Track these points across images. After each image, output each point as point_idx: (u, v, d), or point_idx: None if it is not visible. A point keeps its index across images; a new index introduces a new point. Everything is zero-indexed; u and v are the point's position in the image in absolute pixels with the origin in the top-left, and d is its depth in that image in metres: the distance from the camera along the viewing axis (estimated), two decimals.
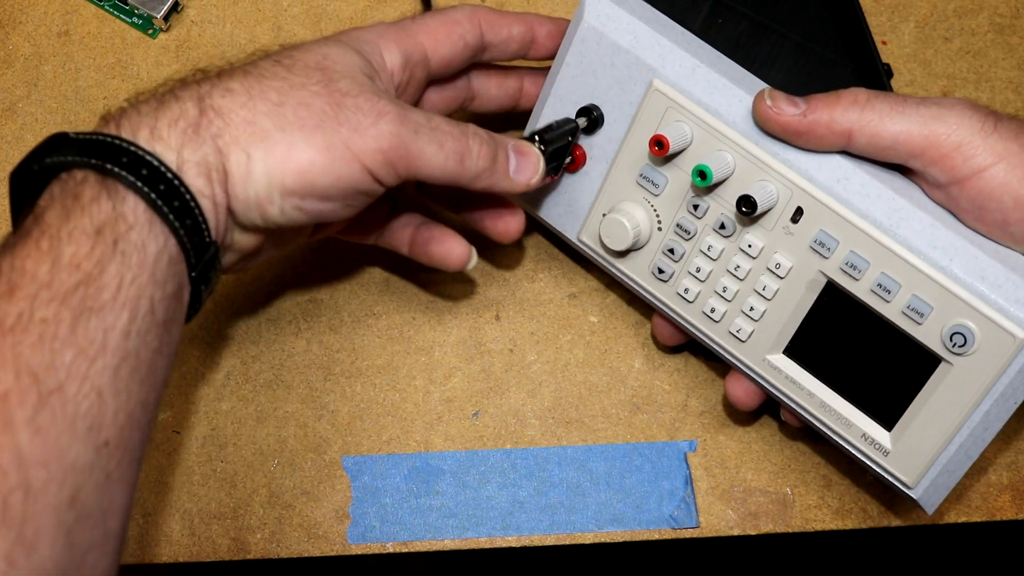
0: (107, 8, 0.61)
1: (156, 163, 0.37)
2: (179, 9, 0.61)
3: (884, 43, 0.61)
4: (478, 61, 0.50)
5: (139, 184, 0.37)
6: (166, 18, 0.60)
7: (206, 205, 0.39)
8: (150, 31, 0.61)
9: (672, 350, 0.56)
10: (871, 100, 0.43)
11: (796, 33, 0.57)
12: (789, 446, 0.54)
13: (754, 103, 0.44)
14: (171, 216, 0.37)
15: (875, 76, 0.55)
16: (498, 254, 0.57)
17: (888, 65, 0.58)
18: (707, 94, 0.46)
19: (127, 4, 0.61)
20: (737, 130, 0.45)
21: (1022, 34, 0.61)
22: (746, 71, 0.47)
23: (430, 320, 0.56)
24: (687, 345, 0.55)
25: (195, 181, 0.39)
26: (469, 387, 0.55)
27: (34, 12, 0.61)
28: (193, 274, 0.39)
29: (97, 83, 0.60)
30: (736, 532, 0.53)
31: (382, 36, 0.46)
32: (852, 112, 0.43)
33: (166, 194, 0.37)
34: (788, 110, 0.43)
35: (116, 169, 0.37)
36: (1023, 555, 1.05)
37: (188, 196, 0.38)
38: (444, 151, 0.43)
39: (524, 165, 0.47)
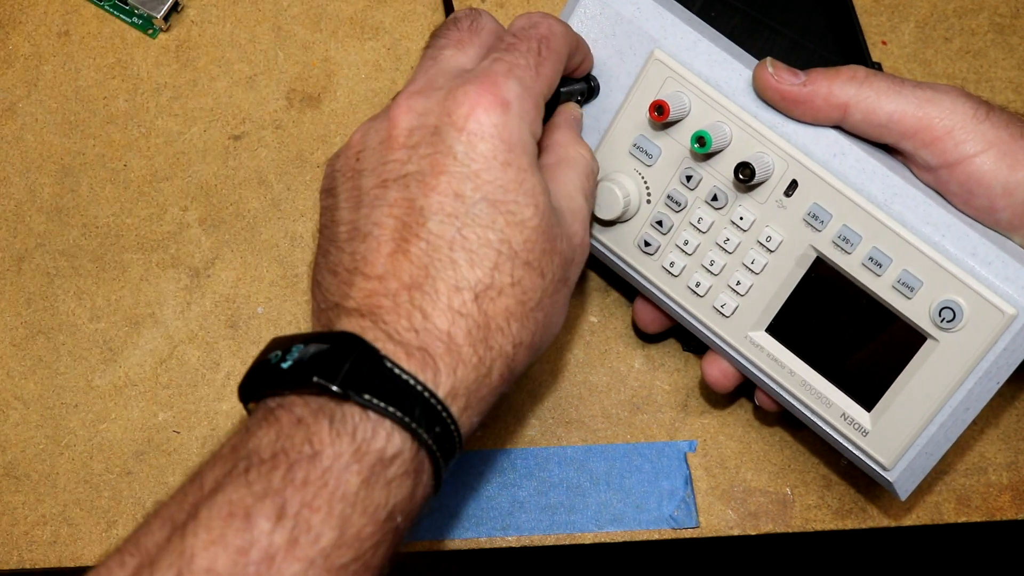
0: (107, 8, 0.61)
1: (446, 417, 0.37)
2: (179, 9, 0.61)
3: (884, 43, 0.61)
4: None
5: (428, 441, 0.36)
6: (166, 18, 0.60)
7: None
8: (150, 31, 0.61)
9: (653, 338, 0.56)
10: (869, 77, 0.44)
11: (789, 30, 0.57)
12: (789, 446, 0.54)
13: (755, 71, 0.45)
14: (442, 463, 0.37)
15: None
16: None
17: (879, 64, 0.58)
18: (707, 67, 0.46)
19: (127, 4, 0.61)
20: (736, 102, 0.46)
21: (1022, 34, 0.61)
22: (743, 50, 0.47)
23: None
24: (668, 333, 0.55)
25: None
26: None
27: (34, 12, 0.61)
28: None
29: (97, 83, 0.60)
30: (736, 532, 0.53)
31: None
32: (850, 87, 0.43)
33: (446, 447, 0.37)
34: (788, 79, 0.44)
35: (425, 436, 0.36)
36: (1023, 555, 1.05)
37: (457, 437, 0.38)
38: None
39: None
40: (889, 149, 0.45)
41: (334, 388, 0.34)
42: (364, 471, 0.34)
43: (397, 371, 0.36)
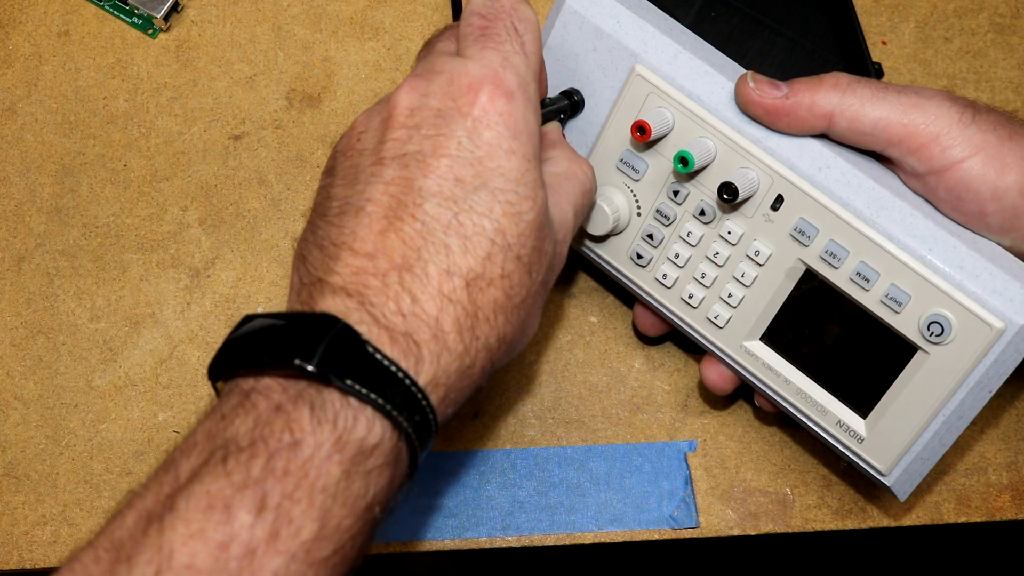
0: (107, 8, 0.61)
1: (423, 403, 0.36)
2: (179, 9, 0.61)
3: (884, 43, 0.61)
4: None
5: (408, 430, 0.35)
6: (166, 18, 0.60)
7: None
8: (150, 31, 0.61)
9: (654, 341, 0.56)
10: (852, 84, 0.43)
11: (789, 29, 0.57)
12: (789, 446, 0.54)
13: (737, 86, 0.44)
14: (417, 445, 0.36)
15: (865, 75, 0.56)
16: None
17: (879, 64, 0.58)
18: (689, 80, 0.46)
19: (127, 4, 0.61)
20: (719, 117, 0.45)
21: (1022, 34, 0.61)
22: (728, 58, 0.47)
23: None
24: (669, 336, 0.55)
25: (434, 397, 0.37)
26: None
27: (34, 12, 0.61)
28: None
29: (97, 83, 0.60)
30: (736, 532, 0.53)
31: None
32: (833, 95, 0.43)
33: (421, 428, 0.36)
34: (770, 92, 0.43)
35: (405, 425, 0.35)
36: (1023, 555, 1.05)
37: (432, 418, 0.37)
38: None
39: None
40: (878, 156, 0.45)
41: (314, 371, 0.34)
42: (345, 461, 0.34)
43: (379, 356, 0.35)
